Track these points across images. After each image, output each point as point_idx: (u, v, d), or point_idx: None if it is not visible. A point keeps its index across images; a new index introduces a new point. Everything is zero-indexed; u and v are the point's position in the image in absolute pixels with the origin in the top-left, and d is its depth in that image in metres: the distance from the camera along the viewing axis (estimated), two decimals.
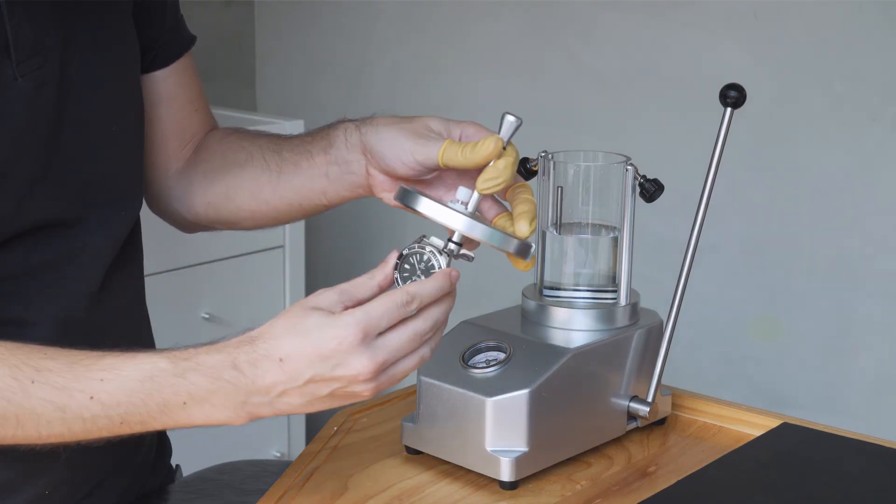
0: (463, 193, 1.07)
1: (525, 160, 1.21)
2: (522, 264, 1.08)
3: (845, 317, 2.03)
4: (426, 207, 1.03)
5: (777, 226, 2.08)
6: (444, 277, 0.99)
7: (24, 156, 1.06)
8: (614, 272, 1.22)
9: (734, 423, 1.26)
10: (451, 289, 1.00)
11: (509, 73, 2.36)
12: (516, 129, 1.07)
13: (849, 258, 2.01)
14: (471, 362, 1.15)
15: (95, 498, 1.18)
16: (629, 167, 1.19)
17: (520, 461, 1.11)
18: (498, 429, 1.11)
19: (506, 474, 1.11)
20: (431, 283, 0.98)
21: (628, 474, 1.16)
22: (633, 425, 1.22)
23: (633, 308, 1.22)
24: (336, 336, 0.93)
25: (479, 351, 1.16)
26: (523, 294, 1.23)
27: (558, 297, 1.21)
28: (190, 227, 1.31)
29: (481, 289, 2.34)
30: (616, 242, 1.21)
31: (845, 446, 1.19)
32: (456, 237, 1.05)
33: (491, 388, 1.11)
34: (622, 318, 1.20)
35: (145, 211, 1.24)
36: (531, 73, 2.33)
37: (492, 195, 1.10)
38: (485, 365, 1.14)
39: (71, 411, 0.95)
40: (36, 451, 1.00)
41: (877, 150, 1.97)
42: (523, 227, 1.07)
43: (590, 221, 1.22)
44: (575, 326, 1.19)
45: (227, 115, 2.44)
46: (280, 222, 1.26)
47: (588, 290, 1.21)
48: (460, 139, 1.12)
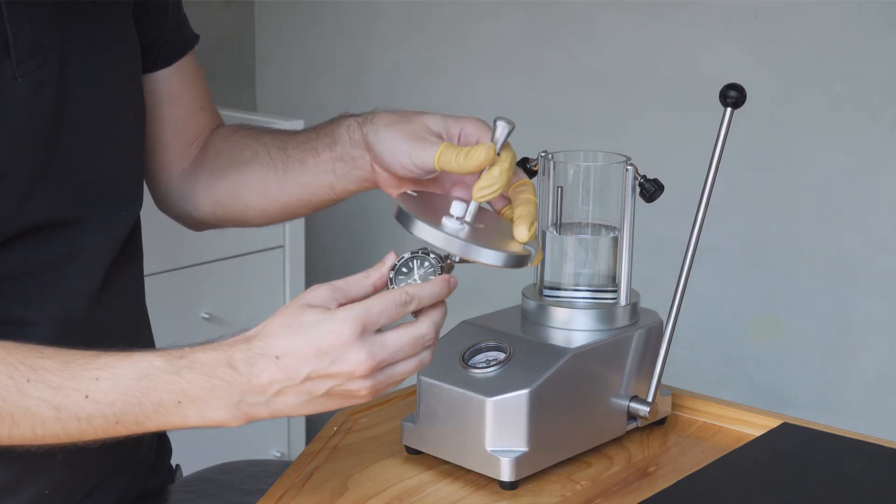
0: (458, 208, 1.05)
1: (525, 160, 1.21)
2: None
3: (845, 317, 2.03)
4: (421, 231, 1.02)
5: (777, 226, 2.08)
6: (444, 283, 0.99)
7: (23, 156, 1.06)
8: (614, 272, 1.22)
9: (734, 423, 1.26)
10: (448, 295, 1.00)
11: (509, 73, 2.36)
12: (509, 133, 1.07)
13: (849, 258, 2.01)
14: (471, 362, 1.15)
15: (95, 498, 1.18)
16: (629, 167, 1.19)
17: (520, 461, 1.11)
18: (498, 429, 1.11)
19: (506, 474, 1.11)
20: (430, 287, 0.98)
21: (628, 474, 1.16)
22: (633, 425, 1.22)
23: (633, 308, 1.22)
24: (333, 331, 0.92)
25: (479, 351, 1.16)
26: (523, 294, 1.23)
27: (558, 297, 1.21)
28: (199, 225, 1.32)
29: (481, 289, 2.34)
30: (616, 242, 1.21)
31: (845, 446, 1.19)
32: (455, 256, 1.04)
33: (491, 388, 1.11)
34: (622, 318, 1.20)
35: (145, 211, 1.24)
36: (531, 73, 2.33)
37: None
38: (485, 365, 1.14)
39: (66, 411, 0.94)
40: (32, 451, 1.00)
41: (877, 150, 1.97)
42: (522, 231, 1.06)
43: (590, 221, 1.22)
44: (575, 326, 1.19)
45: (228, 115, 2.43)
46: (289, 217, 1.27)
47: (588, 290, 1.21)
48: (459, 137, 1.12)
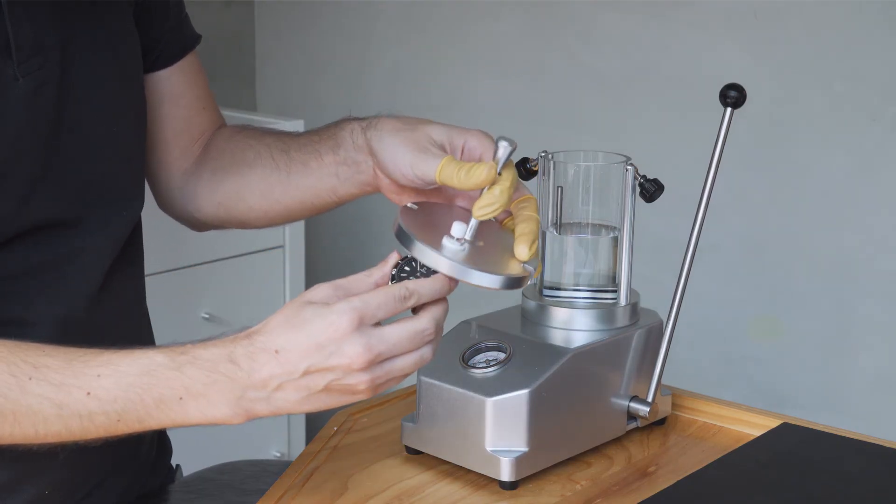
0: (458, 230, 1.04)
1: (525, 160, 1.21)
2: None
3: (845, 317, 2.03)
4: (420, 253, 1.02)
5: (777, 226, 2.08)
6: (444, 280, 0.99)
7: (24, 156, 1.06)
8: (614, 272, 1.22)
9: (734, 423, 1.26)
10: (449, 292, 1.00)
11: (509, 73, 2.36)
12: (511, 153, 1.06)
13: (849, 258, 2.01)
14: (471, 362, 1.15)
15: (95, 498, 1.18)
16: (629, 167, 1.19)
17: (520, 461, 1.11)
18: (498, 429, 1.11)
19: (506, 474, 1.11)
20: (431, 283, 0.98)
21: (628, 474, 1.16)
22: (633, 425, 1.22)
23: (633, 308, 1.22)
24: (331, 323, 0.92)
25: (479, 351, 1.16)
26: (523, 294, 1.23)
27: (558, 297, 1.21)
28: (200, 226, 1.32)
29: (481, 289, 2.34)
30: (616, 242, 1.21)
31: (845, 446, 1.19)
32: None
33: (491, 388, 1.11)
34: (622, 318, 1.20)
35: (146, 211, 1.24)
36: (531, 73, 2.33)
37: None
38: (485, 365, 1.14)
39: (68, 408, 0.94)
40: (34, 451, 0.99)
41: (877, 150, 1.97)
42: (523, 250, 1.05)
43: (590, 221, 1.22)
44: (575, 326, 1.19)
45: (227, 115, 2.43)
46: (291, 220, 1.27)
47: (588, 290, 1.21)
48: (462, 150, 1.11)
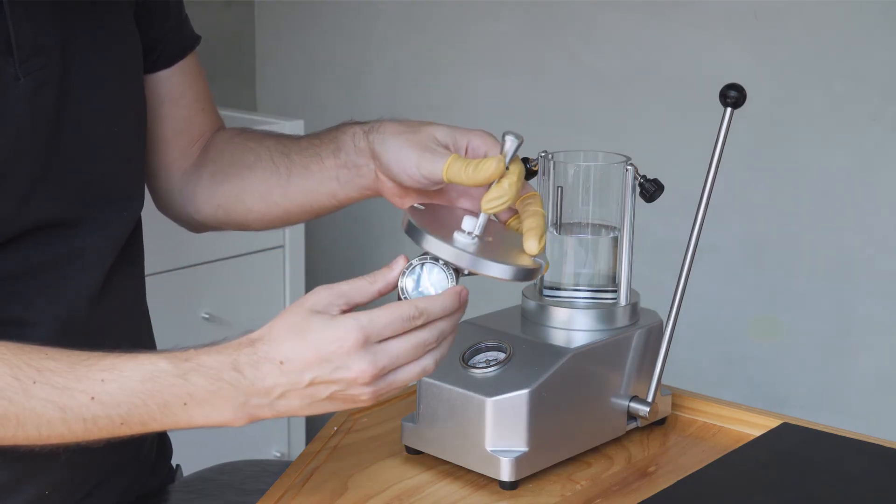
0: (468, 223, 1.05)
1: (525, 160, 1.21)
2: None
3: (845, 317, 2.03)
4: (432, 245, 1.02)
5: (777, 226, 2.08)
6: (454, 296, 0.98)
7: (24, 156, 1.06)
8: (614, 272, 1.22)
9: (734, 423, 1.26)
10: (460, 307, 0.99)
11: (509, 73, 2.36)
12: (518, 147, 1.07)
13: (849, 258, 2.01)
14: (471, 362, 1.15)
15: (95, 498, 1.18)
16: (629, 167, 1.19)
17: (520, 461, 1.11)
18: (498, 429, 1.11)
19: (506, 474, 1.11)
20: (441, 301, 0.97)
21: (628, 474, 1.16)
22: (633, 425, 1.22)
23: (633, 308, 1.22)
24: (337, 338, 0.93)
25: (479, 351, 1.16)
26: (523, 294, 1.23)
27: (558, 297, 1.21)
28: (199, 227, 1.32)
29: (481, 289, 2.33)
30: (616, 242, 1.21)
31: (845, 446, 1.19)
32: (465, 270, 1.04)
33: (491, 388, 1.11)
34: (622, 318, 1.20)
35: (145, 211, 1.24)
36: (531, 73, 2.33)
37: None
38: (485, 365, 1.14)
39: (72, 412, 0.95)
40: (35, 451, 1.00)
41: (877, 150, 1.97)
42: (532, 244, 1.05)
43: (590, 221, 1.22)
44: (575, 326, 1.19)
45: (228, 115, 2.44)
46: (290, 223, 1.27)
47: (588, 290, 1.21)
48: (467, 150, 1.11)
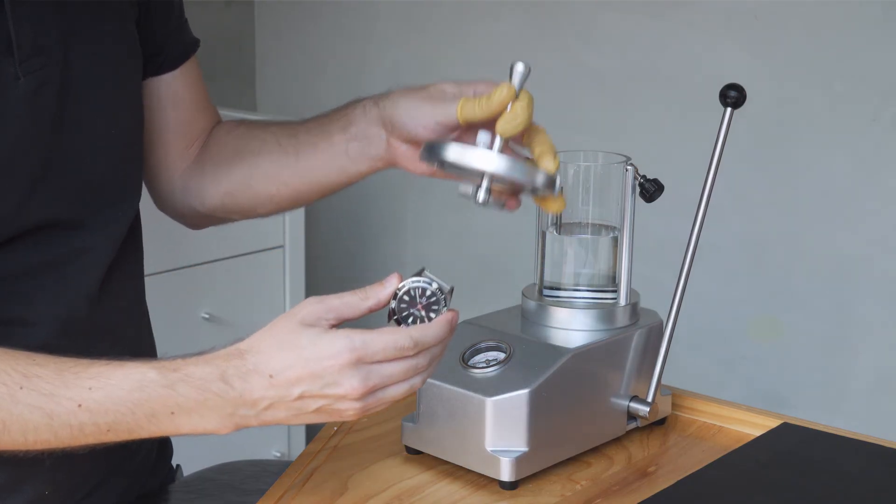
0: (484, 137, 1.06)
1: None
2: (554, 204, 1.08)
3: (845, 317, 2.03)
4: (455, 153, 1.03)
5: (777, 226, 2.08)
6: (446, 325, 0.99)
7: (24, 155, 1.06)
8: (614, 272, 1.22)
9: (734, 423, 1.26)
10: (451, 332, 1.00)
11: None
12: (527, 75, 1.09)
13: (849, 258, 2.01)
14: (471, 362, 1.15)
15: (96, 498, 1.18)
16: (629, 167, 1.19)
17: (520, 461, 1.11)
18: (498, 429, 1.11)
19: (506, 474, 1.11)
20: (433, 331, 0.98)
21: (628, 474, 1.16)
22: (633, 425, 1.22)
23: (633, 308, 1.22)
24: (330, 356, 0.94)
25: (479, 351, 1.16)
26: (523, 294, 1.23)
27: (558, 297, 1.21)
28: (202, 221, 1.32)
29: (481, 289, 2.34)
30: (616, 242, 1.21)
31: (845, 446, 1.19)
32: (485, 182, 1.04)
33: (491, 388, 1.11)
34: (622, 318, 1.20)
35: (145, 211, 1.24)
36: (531, 73, 2.33)
37: (510, 141, 1.11)
38: (485, 365, 1.14)
39: (58, 418, 0.95)
40: (19, 458, 0.99)
41: (877, 150, 1.97)
42: (549, 163, 1.08)
43: (590, 221, 1.22)
44: (575, 326, 1.19)
45: (228, 115, 2.43)
46: (299, 204, 1.27)
47: (588, 290, 1.21)
48: (474, 96, 1.13)
